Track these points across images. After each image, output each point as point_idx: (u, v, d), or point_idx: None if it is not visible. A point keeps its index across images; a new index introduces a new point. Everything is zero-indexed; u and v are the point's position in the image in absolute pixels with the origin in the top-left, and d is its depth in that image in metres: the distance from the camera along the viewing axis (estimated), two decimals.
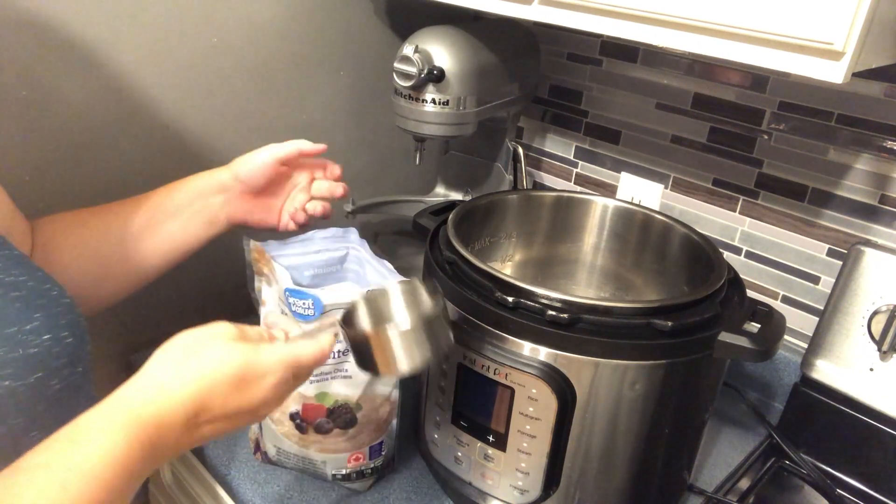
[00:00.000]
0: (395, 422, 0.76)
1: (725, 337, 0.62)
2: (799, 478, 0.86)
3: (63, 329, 0.49)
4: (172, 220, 0.71)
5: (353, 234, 0.80)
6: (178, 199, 0.72)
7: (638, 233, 0.85)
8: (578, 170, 1.15)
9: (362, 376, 0.71)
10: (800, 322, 0.95)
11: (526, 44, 1.03)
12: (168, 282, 0.77)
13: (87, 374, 0.53)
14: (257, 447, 0.79)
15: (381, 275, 0.74)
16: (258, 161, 0.72)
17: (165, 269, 0.73)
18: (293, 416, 0.73)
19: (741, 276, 0.73)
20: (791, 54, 0.55)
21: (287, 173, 0.76)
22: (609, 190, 1.11)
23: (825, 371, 0.85)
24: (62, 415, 0.45)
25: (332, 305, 0.66)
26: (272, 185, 0.75)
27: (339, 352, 0.70)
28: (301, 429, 0.73)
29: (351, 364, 0.72)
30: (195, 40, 0.87)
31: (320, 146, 0.76)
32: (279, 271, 0.69)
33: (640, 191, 1.06)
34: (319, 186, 0.78)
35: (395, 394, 0.74)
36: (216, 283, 0.98)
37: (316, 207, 0.78)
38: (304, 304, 0.67)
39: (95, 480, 0.41)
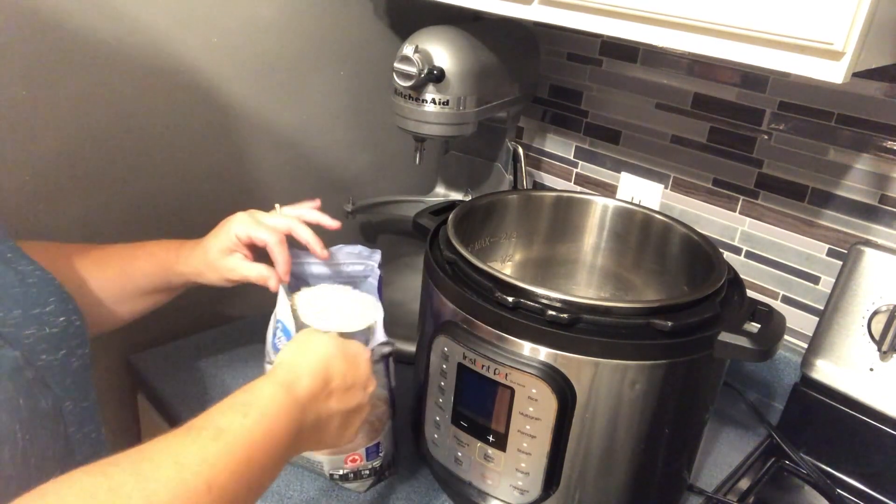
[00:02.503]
0: (390, 423, 0.75)
1: (725, 337, 0.62)
2: (799, 478, 0.86)
3: (72, 313, 0.52)
4: (149, 297, 0.73)
5: (377, 255, 0.79)
6: (155, 282, 0.72)
7: (638, 233, 0.85)
8: (578, 170, 1.15)
9: None
10: (800, 322, 0.95)
11: (526, 44, 1.03)
12: None
13: (91, 357, 0.55)
14: None
15: (374, 307, 0.74)
16: (219, 277, 0.71)
17: (150, 311, 0.76)
18: None
19: (741, 276, 0.73)
20: (791, 54, 0.55)
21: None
22: (609, 190, 1.11)
23: (825, 371, 0.85)
24: (83, 390, 0.51)
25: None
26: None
27: None
28: None
29: None
30: (195, 40, 0.87)
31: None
32: (282, 299, 0.69)
33: (640, 191, 1.06)
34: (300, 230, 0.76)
35: (385, 393, 0.74)
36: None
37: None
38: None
39: (258, 449, 0.47)
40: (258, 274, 0.70)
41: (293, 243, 0.73)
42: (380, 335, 0.68)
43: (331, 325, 0.68)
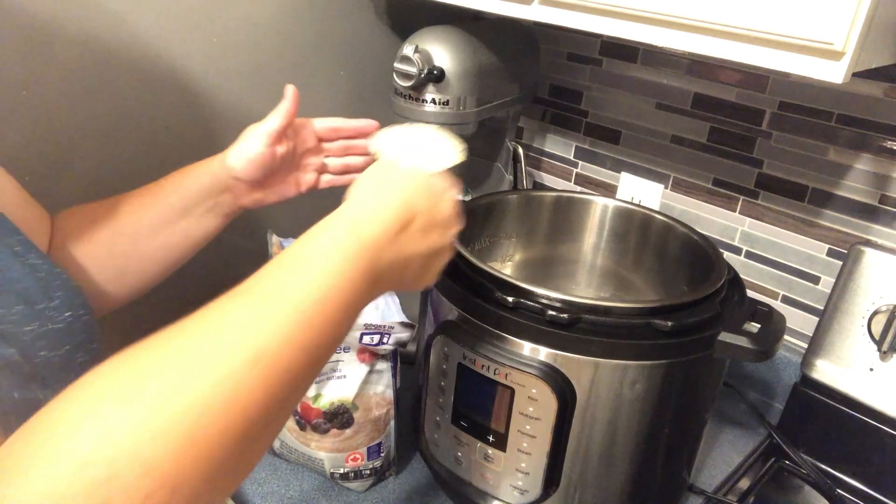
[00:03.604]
0: (393, 423, 0.76)
1: (725, 337, 0.62)
2: (799, 478, 0.86)
3: (79, 308, 0.51)
4: (185, 218, 0.68)
5: None
6: (186, 196, 0.68)
7: (638, 233, 0.85)
8: (578, 170, 1.15)
9: (357, 377, 0.72)
10: (800, 322, 0.95)
11: (526, 44, 1.03)
12: (176, 277, 0.76)
13: (101, 351, 0.55)
14: None
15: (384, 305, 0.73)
16: (249, 154, 0.65)
17: (182, 262, 0.71)
18: (294, 412, 0.73)
19: (741, 276, 0.73)
20: (791, 54, 0.55)
21: (289, 147, 0.69)
22: (609, 190, 1.11)
23: (825, 371, 0.85)
24: None
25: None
26: (277, 165, 0.68)
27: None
28: (301, 426, 0.73)
29: (346, 365, 0.72)
30: (195, 40, 0.87)
31: (343, 124, 0.71)
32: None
33: (640, 191, 1.06)
34: (335, 163, 0.73)
35: (390, 393, 0.74)
36: (229, 277, 0.98)
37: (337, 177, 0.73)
38: None
39: (324, 306, 0.41)
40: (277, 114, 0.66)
41: (293, 233, 0.73)
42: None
43: (413, 163, 0.60)
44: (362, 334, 0.69)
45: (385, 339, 0.70)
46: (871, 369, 0.81)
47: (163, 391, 0.33)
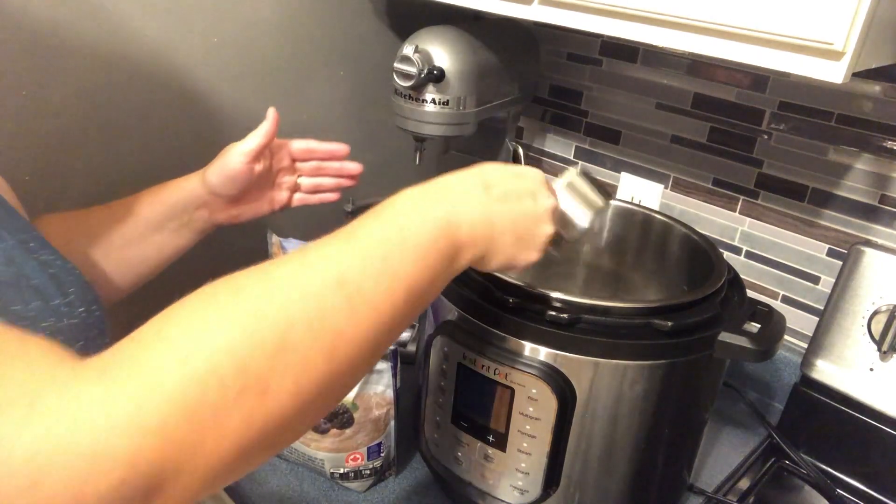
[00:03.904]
0: (393, 423, 0.76)
1: (725, 337, 0.62)
2: (799, 478, 0.86)
3: (92, 303, 0.51)
4: (159, 233, 0.70)
5: None
6: (161, 211, 0.70)
7: (638, 233, 0.85)
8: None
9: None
10: (800, 322, 0.95)
11: (526, 44, 1.03)
12: (177, 276, 0.77)
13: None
14: None
15: None
16: (228, 171, 0.68)
17: (154, 276, 0.73)
18: None
19: (741, 276, 0.73)
20: (791, 54, 0.55)
21: (266, 165, 0.72)
22: (609, 190, 1.11)
23: (825, 371, 0.85)
24: None
25: None
26: (253, 183, 0.72)
27: None
28: None
29: None
30: (195, 40, 0.87)
31: (317, 146, 0.74)
32: None
33: (640, 191, 1.06)
34: (308, 182, 0.76)
35: (390, 393, 0.74)
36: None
37: (309, 198, 0.77)
38: None
39: (403, 247, 0.43)
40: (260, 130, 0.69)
41: (292, 233, 0.74)
42: None
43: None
44: None
45: None
46: (871, 369, 0.81)
47: (256, 303, 0.36)
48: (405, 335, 0.71)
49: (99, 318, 0.52)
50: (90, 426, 0.29)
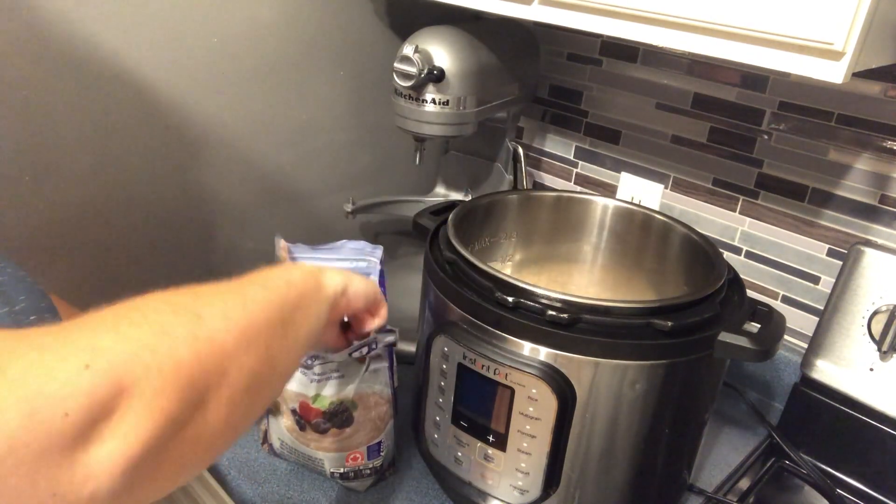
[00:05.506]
0: (392, 422, 0.76)
1: (725, 337, 0.62)
2: (799, 478, 0.86)
3: (45, 311, 0.51)
4: None
5: (379, 251, 0.79)
6: None
7: (638, 233, 0.85)
8: (578, 170, 1.15)
9: (355, 376, 0.72)
10: (800, 322, 0.95)
11: (526, 44, 1.03)
12: (177, 276, 0.77)
13: None
14: (265, 438, 0.79)
15: None
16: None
17: None
18: (293, 412, 0.73)
19: (741, 276, 0.73)
20: (791, 54, 0.55)
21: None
22: (609, 190, 1.11)
23: (825, 371, 0.85)
24: None
25: None
26: None
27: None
28: (300, 425, 0.73)
29: (344, 364, 0.72)
30: (195, 40, 0.87)
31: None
32: None
33: (640, 191, 1.06)
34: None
35: (388, 391, 0.74)
36: (229, 276, 0.98)
37: None
38: None
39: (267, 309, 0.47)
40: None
41: (294, 238, 0.73)
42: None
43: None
44: (350, 351, 0.69)
45: (374, 346, 0.70)
46: (871, 369, 0.81)
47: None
48: (391, 338, 0.71)
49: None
50: None
